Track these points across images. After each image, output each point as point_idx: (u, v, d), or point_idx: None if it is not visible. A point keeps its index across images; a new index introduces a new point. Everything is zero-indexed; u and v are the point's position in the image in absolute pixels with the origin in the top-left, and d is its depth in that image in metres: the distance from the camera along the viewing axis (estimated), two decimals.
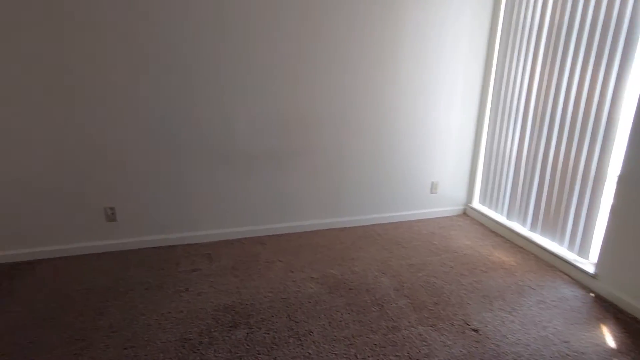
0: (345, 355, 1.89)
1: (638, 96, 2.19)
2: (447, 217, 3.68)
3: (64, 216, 2.71)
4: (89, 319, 2.13)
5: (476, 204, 3.69)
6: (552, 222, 2.85)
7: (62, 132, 2.56)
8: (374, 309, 2.26)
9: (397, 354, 1.92)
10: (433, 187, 3.56)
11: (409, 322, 2.15)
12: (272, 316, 2.18)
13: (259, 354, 1.90)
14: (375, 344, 1.98)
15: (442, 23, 3.11)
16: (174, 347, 1.94)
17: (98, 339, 1.99)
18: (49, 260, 2.72)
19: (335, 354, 1.91)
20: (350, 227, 3.37)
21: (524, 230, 3.12)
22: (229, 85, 2.77)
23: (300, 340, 2.00)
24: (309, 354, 1.90)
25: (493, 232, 3.35)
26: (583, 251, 2.64)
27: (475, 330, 2.10)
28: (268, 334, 2.04)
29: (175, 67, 2.63)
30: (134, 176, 2.76)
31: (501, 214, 3.36)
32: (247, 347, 1.94)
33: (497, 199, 3.38)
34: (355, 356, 1.89)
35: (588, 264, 2.61)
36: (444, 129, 3.41)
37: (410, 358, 1.89)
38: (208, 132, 2.82)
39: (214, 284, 2.48)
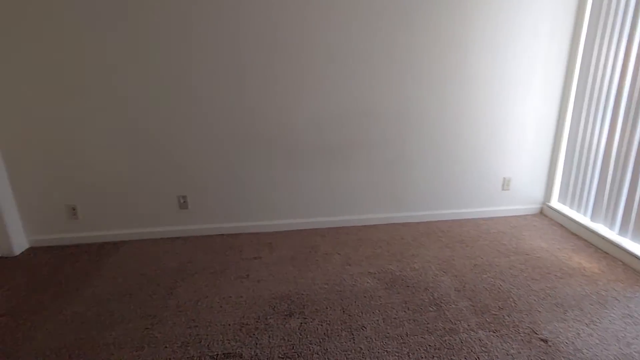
0: (397, 354, 1.85)
1: None
2: (520, 216, 3.40)
3: (144, 203, 2.97)
4: (160, 297, 2.32)
5: (555, 202, 3.37)
6: None
7: (144, 128, 2.79)
8: (431, 309, 2.17)
9: (453, 357, 1.83)
10: (505, 184, 3.31)
11: (469, 326, 2.04)
12: (327, 308, 2.20)
13: (311, 344, 1.93)
14: (429, 345, 1.90)
15: (518, 5, 2.85)
16: (232, 330, 2.04)
17: (167, 316, 2.16)
18: (130, 242, 3.01)
19: (387, 351, 1.87)
20: (412, 223, 3.27)
21: (611, 234, 2.78)
22: (290, 82, 2.81)
23: (353, 334, 1.99)
24: (360, 348, 1.89)
25: (574, 234, 3.04)
26: None
27: (545, 341, 1.93)
28: (321, 325, 2.06)
29: (237, 66, 2.74)
30: (204, 168, 2.93)
31: (584, 214, 3.03)
32: (300, 336, 1.98)
33: (581, 197, 3.05)
34: (408, 356, 1.84)
35: None
36: (520, 120, 3.14)
37: None
38: (271, 127, 2.90)
39: (273, 273, 2.56)
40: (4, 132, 2.69)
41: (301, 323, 2.08)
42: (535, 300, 2.23)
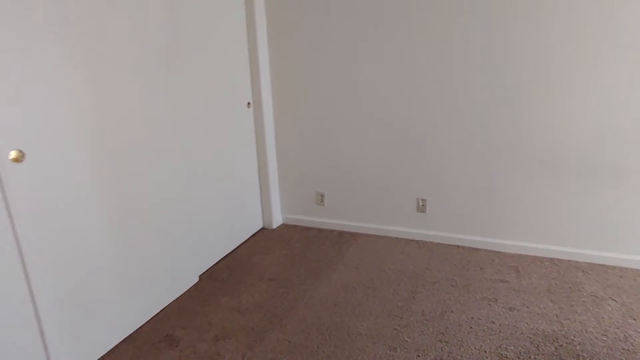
0: None
1: None
2: None
3: (384, 200, 3.02)
4: (403, 299, 2.28)
5: None
6: None
7: (396, 127, 2.83)
8: None
9: None
10: None
11: None
12: None
13: None
14: None
15: None
16: (489, 358, 1.82)
17: (413, 321, 2.09)
18: (366, 235, 3.11)
19: None
20: None
21: None
22: (561, 81, 2.38)
23: None
24: None
25: None
26: None
27: None
28: None
29: (498, 63, 2.46)
30: (449, 173, 2.78)
31: None
32: None
33: None
34: None
35: None
36: None
37: None
38: (531, 135, 2.53)
39: (527, 303, 2.21)
40: (280, 130, 3.14)
41: None
42: None
